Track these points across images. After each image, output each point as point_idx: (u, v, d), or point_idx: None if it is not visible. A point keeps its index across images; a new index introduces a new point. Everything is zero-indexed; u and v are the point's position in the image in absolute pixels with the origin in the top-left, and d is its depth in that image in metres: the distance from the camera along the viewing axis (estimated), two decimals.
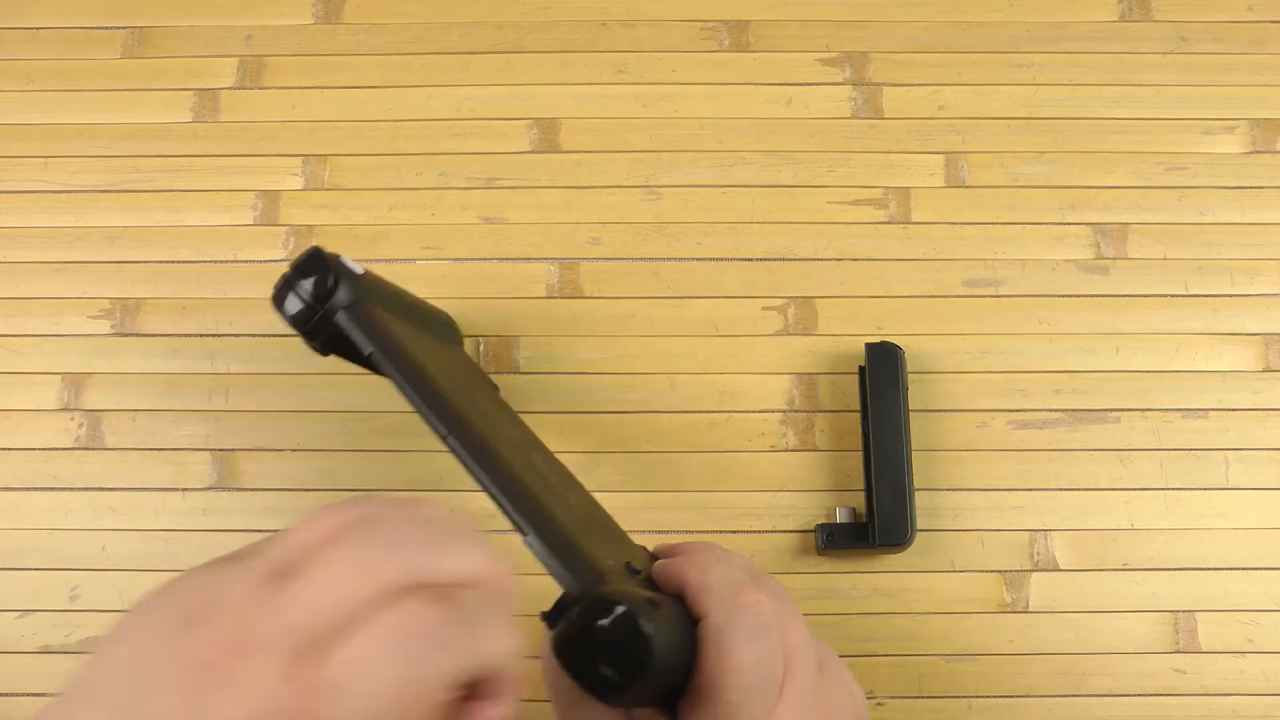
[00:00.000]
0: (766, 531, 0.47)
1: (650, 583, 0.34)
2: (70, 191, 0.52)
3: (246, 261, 0.50)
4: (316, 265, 0.38)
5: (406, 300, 0.43)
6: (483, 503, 0.48)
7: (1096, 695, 0.45)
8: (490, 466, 0.35)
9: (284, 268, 0.39)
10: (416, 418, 0.44)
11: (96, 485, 0.48)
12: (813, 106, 0.52)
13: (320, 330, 0.39)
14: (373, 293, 0.40)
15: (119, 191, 0.52)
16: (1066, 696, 0.45)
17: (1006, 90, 0.52)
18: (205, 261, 0.51)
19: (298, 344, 0.49)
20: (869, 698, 0.45)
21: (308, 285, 0.38)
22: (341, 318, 0.38)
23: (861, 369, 0.47)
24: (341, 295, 0.38)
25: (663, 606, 0.31)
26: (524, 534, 0.33)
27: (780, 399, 0.49)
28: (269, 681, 0.25)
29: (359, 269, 0.40)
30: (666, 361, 0.49)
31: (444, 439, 0.36)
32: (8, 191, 0.52)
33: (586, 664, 0.30)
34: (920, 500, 0.47)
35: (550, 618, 0.31)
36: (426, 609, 0.27)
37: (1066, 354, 0.49)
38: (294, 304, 0.38)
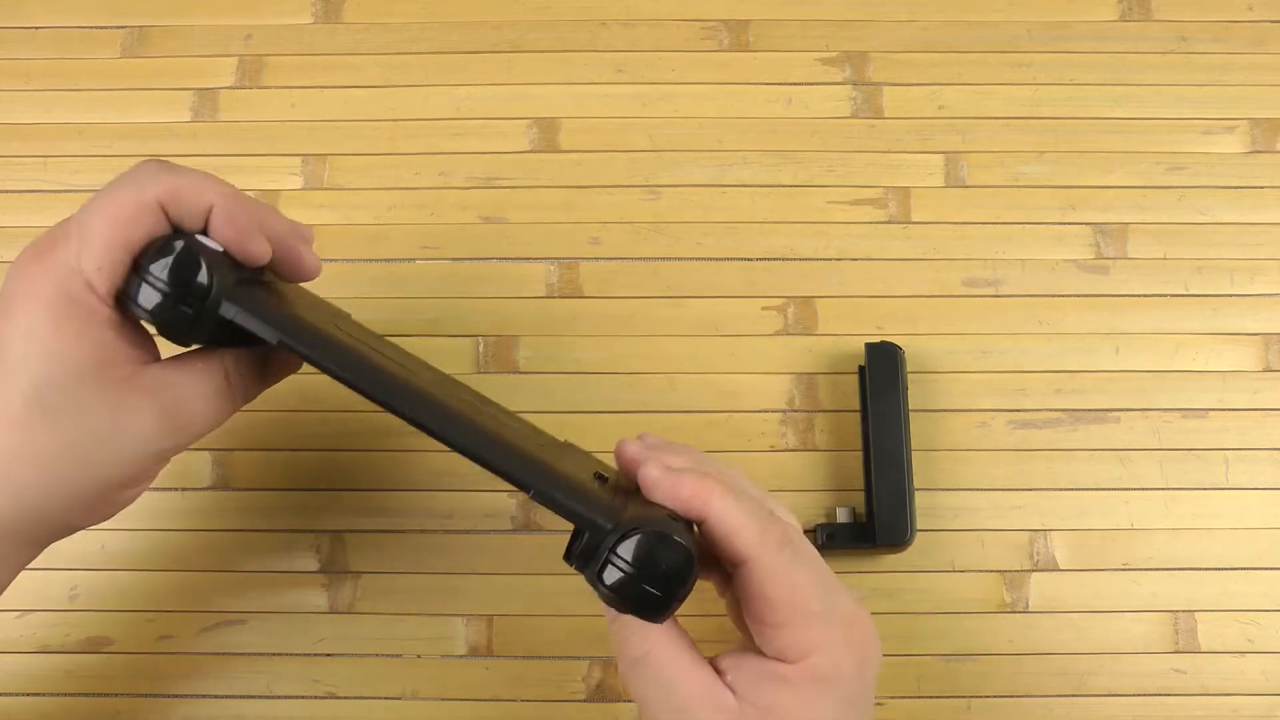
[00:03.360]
0: None
1: (620, 490, 0.37)
2: (70, 191, 0.52)
3: None
4: (186, 257, 0.33)
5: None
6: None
7: (1096, 695, 0.45)
8: (465, 435, 0.34)
9: None
10: None
11: None
12: (813, 106, 0.52)
13: (197, 328, 0.34)
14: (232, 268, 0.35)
15: None
16: (1066, 696, 0.45)
17: (1006, 90, 0.52)
18: None
19: None
20: None
21: (170, 279, 0.33)
22: (228, 309, 0.34)
23: (861, 369, 0.47)
24: (218, 281, 0.33)
25: (677, 519, 0.34)
26: (526, 490, 0.34)
27: (780, 399, 0.49)
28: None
29: (218, 246, 0.35)
30: (666, 361, 0.49)
31: (406, 418, 0.34)
32: (8, 191, 0.52)
33: (633, 591, 0.32)
34: (920, 500, 0.47)
35: (582, 560, 0.33)
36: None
37: (1066, 354, 0.49)
38: (151, 297, 0.33)
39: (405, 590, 0.47)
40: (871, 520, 0.45)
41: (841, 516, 0.46)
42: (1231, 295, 0.50)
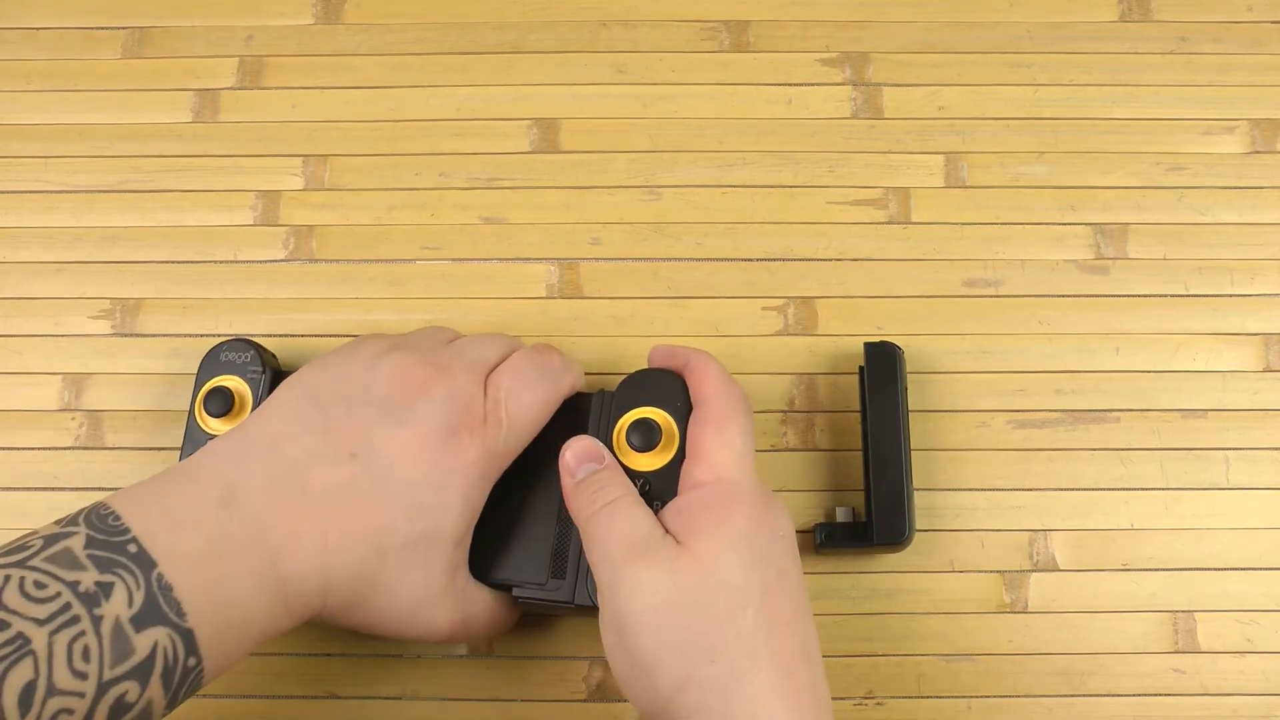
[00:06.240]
0: None
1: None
2: (70, 191, 0.52)
3: (246, 261, 0.51)
4: None
5: None
6: None
7: (1096, 695, 0.45)
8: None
9: (284, 267, 0.39)
10: None
11: (96, 485, 0.48)
12: (813, 106, 0.52)
13: None
14: None
15: (119, 191, 0.52)
16: (1066, 696, 0.45)
17: (1006, 90, 0.52)
18: (205, 261, 0.51)
19: (297, 344, 0.49)
20: (868, 697, 0.45)
21: None
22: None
23: (861, 369, 0.47)
24: None
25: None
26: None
27: (780, 399, 0.49)
28: (460, 380, 0.39)
29: None
30: None
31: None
32: (8, 191, 0.52)
33: None
34: (920, 500, 0.47)
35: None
36: (536, 351, 0.42)
37: (1066, 354, 0.49)
38: None
39: None
40: (871, 520, 0.45)
41: (841, 516, 0.46)
42: (1231, 295, 0.50)
